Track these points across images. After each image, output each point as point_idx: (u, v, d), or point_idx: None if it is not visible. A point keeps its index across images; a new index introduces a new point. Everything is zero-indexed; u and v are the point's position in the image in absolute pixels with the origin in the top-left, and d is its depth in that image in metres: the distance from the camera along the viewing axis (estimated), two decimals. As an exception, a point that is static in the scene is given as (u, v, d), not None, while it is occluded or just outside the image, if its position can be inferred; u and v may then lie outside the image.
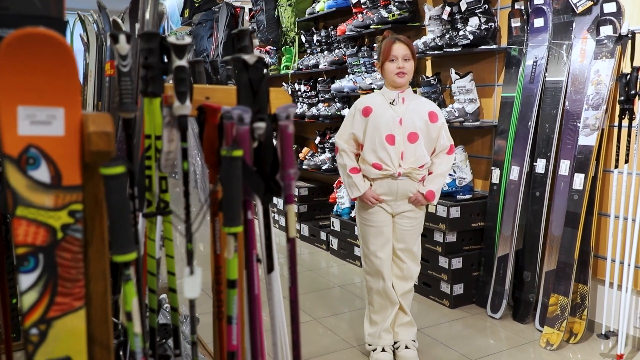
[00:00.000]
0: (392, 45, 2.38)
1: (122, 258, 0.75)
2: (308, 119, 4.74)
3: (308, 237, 4.73)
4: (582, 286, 2.74)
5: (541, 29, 2.97)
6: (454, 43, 3.22)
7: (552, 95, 2.91)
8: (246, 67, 0.97)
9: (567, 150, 2.78)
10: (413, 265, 2.56)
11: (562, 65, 2.87)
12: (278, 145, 0.94)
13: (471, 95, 3.28)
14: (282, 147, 0.93)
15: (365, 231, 2.52)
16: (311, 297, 3.43)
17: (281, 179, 0.94)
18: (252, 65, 0.96)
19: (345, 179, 2.49)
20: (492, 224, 3.18)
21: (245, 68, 0.97)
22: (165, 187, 1.10)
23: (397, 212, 2.48)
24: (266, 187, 0.93)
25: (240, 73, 0.98)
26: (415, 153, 2.40)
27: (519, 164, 3.02)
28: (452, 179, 3.29)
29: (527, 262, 2.99)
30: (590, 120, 2.67)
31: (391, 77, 2.39)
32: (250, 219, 0.92)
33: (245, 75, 0.96)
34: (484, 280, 3.19)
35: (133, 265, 0.77)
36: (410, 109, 2.41)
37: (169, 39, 0.94)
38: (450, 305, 3.18)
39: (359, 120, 2.44)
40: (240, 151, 0.86)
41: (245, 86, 0.96)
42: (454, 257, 3.16)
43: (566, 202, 2.75)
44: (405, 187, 2.43)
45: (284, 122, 0.92)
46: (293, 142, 0.94)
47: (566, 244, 2.72)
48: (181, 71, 0.94)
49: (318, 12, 4.63)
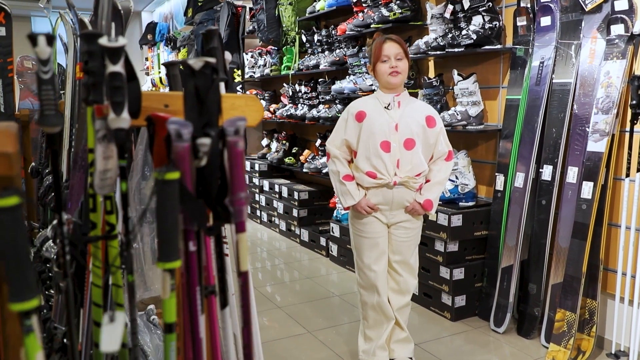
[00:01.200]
0: (382, 45, 2.24)
1: (21, 306, 0.62)
2: (308, 120, 4.61)
3: (308, 243, 4.59)
4: (590, 301, 2.58)
5: (548, 28, 2.81)
6: (457, 43, 3.07)
7: (559, 98, 2.75)
8: (192, 73, 0.83)
9: (575, 156, 2.62)
10: (410, 278, 2.42)
11: (570, 67, 2.71)
12: (227, 165, 0.80)
13: (474, 98, 3.13)
14: (231, 167, 0.80)
15: (359, 243, 2.38)
16: (308, 307, 3.30)
17: (230, 204, 0.81)
18: (198, 71, 0.83)
19: (337, 186, 2.36)
20: (495, 233, 3.02)
21: (192, 74, 0.83)
22: (110, 207, 0.98)
23: (393, 223, 2.34)
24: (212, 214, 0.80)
25: (186, 80, 0.85)
26: (412, 161, 2.26)
27: (524, 170, 2.87)
28: (454, 185, 3.14)
29: (532, 273, 2.84)
30: (600, 125, 2.51)
31: (384, 78, 2.25)
32: (192, 250, 0.79)
33: (192, 82, 0.83)
34: (487, 292, 3.04)
35: (36, 314, 0.64)
36: (407, 114, 2.27)
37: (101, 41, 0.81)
38: (452, 317, 3.03)
39: (352, 126, 2.31)
40: (176, 173, 0.73)
41: (191, 95, 0.83)
42: (456, 267, 3.01)
43: (574, 212, 2.59)
44: (401, 197, 2.29)
45: (232, 138, 0.79)
46: (244, 160, 0.81)
47: (574, 257, 2.56)
48: (115, 78, 0.81)
49: (318, 10, 4.49)
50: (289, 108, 5.08)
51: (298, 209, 4.72)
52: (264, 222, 5.44)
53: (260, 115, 1.20)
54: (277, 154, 5.28)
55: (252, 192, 5.63)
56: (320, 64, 4.53)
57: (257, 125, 6.13)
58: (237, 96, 1.18)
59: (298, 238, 4.75)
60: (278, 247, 4.77)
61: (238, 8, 5.89)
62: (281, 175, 5.52)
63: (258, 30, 5.29)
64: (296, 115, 4.83)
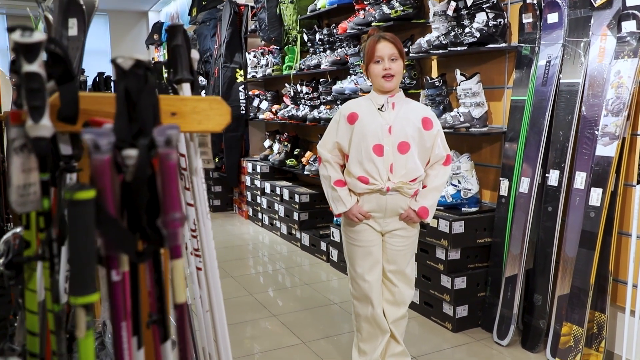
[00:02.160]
0: (376, 44, 2.11)
1: None
2: (309, 122, 4.49)
3: (308, 247, 4.48)
4: (599, 314, 2.43)
5: (555, 25, 2.67)
6: (460, 41, 2.94)
7: (567, 99, 2.60)
8: (123, 74, 0.72)
9: (584, 161, 2.48)
10: (406, 289, 2.29)
11: (578, 66, 2.57)
12: (158, 180, 0.69)
13: (478, 99, 2.99)
14: (163, 183, 0.68)
15: (352, 251, 2.26)
16: (304, 316, 3.18)
17: (163, 226, 0.69)
18: (128, 71, 0.71)
19: (329, 192, 2.24)
20: (499, 240, 2.88)
21: (122, 74, 0.72)
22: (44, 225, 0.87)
23: (387, 231, 2.22)
24: (142, 238, 0.69)
25: (117, 81, 0.73)
26: (406, 165, 2.13)
27: (529, 175, 2.73)
28: (457, 190, 3.01)
29: (537, 284, 2.70)
30: (610, 128, 2.37)
31: (377, 80, 2.13)
32: (115, 280, 0.67)
33: (122, 84, 0.72)
34: (491, 302, 2.90)
35: None
36: (401, 116, 2.15)
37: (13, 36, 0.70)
38: (453, 328, 2.90)
39: (343, 128, 2.19)
40: (90, 192, 0.61)
41: (121, 99, 0.72)
42: (458, 276, 2.87)
43: (582, 220, 2.44)
44: (395, 203, 2.16)
45: (163, 150, 0.68)
46: (177, 175, 0.69)
47: (581, 267, 2.42)
48: (32, 79, 0.70)
49: (320, 9, 4.37)
50: (290, 109, 4.97)
51: (299, 212, 4.61)
52: (265, 225, 5.33)
53: (226, 120, 1.08)
54: (279, 156, 5.17)
55: (254, 194, 5.52)
56: (321, 63, 4.41)
57: (260, 126, 6.03)
58: (200, 99, 1.07)
59: (299, 242, 4.64)
60: (279, 250, 4.66)
61: (241, 7, 5.80)
62: (283, 177, 5.41)
63: (259, 29, 5.19)
64: (297, 116, 4.71)
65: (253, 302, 3.41)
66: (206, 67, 6.53)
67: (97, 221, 0.63)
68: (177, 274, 0.71)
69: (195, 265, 1.40)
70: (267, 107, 5.59)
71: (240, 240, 5.02)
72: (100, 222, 0.64)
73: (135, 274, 0.75)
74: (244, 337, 2.91)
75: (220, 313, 1.23)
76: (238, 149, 5.88)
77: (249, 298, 3.47)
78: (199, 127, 1.06)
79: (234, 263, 4.26)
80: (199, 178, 1.26)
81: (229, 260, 4.34)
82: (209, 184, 6.31)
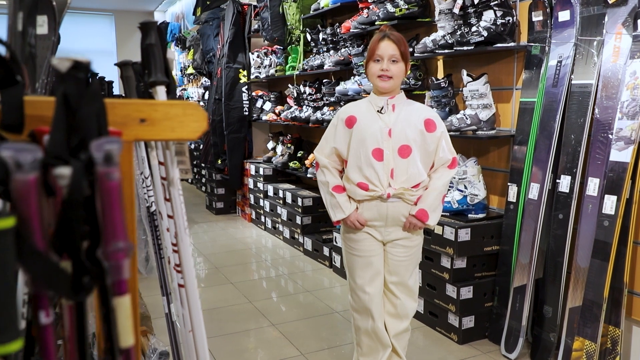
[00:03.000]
0: (378, 42, 2.00)
1: None
2: (312, 123, 4.38)
3: (311, 252, 4.37)
4: (613, 328, 2.30)
5: (567, 24, 2.54)
6: (466, 41, 2.82)
7: (579, 101, 2.47)
8: (61, 78, 0.61)
9: (597, 166, 2.35)
10: (409, 301, 2.17)
11: (591, 66, 2.44)
12: (98, 204, 0.58)
13: (485, 100, 2.86)
14: (104, 207, 0.58)
15: (352, 261, 2.15)
16: (305, 325, 3.07)
17: (103, 258, 0.58)
18: (66, 74, 0.60)
19: (327, 198, 2.13)
20: (508, 248, 2.76)
21: (61, 79, 0.61)
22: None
23: (389, 240, 2.10)
24: (76, 273, 0.58)
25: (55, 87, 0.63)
26: (407, 170, 2.01)
27: (539, 181, 2.60)
28: (463, 195, 2.89)
29: (548, 295, 2.57)
30: (625, 132, 2.24)
31: (373, 80, 2.01)
32: (44, 324, 0.57)
33: (60, 89, 0.61)
34: (498, 313, 2.77)
35: None
36: (402, 118, 2.03)
37: None
38: (459, 340, 2.78)
39: (341, 132, 2.07)
40: (8, 220, 0.51)
41: (60, 107, 0.61)
42: (464, 285, 2.75)
43: (594, 229, 2.31)
44: (396, 211, 2.05)
45: (102, 168, 0.57)
46: (121, 197, 0.59)
47: (594, 279, 2.29)
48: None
49: (323, 7, 4.26)
50: (293, 110, 4.86)
51: (302, 216, 4.50)
52: (268, 228, 5.23)
53: (202, 127, 0.97)
54: (282, 158, 5.07)
55: (257, 197, 5.42)
56: (324, 63, 4.30)
57: (264, 127, 5.93)
58: (173, 103, 0.96)
59: (301, 246, 4.53)
60: (282, 255, 4.56)
61: (244, 6, 5.70)
62: (287, 179, 5.31)
63: (262, 28, 5.08)
64: (301, 118, 4.60)
65: (252, 310, 3.30)
66: (209, 67, 6.44)
67: (19, 254, 0.53)
68: (122, 314, 0.60)
69: (177, 282, 1.30)
70: (271, 108, 5.49)
71: (242, 244, 4.92)
72: (23, 255, 0.53)
73: (81, 311, 0.64)
74: (240, 348, 2.81)
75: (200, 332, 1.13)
76: (241, 151, 5.79)
77: (248, 306, 3.37)
78: (171, 135, 0.95)
79: (234, 268, 4.16)
80: (176, 189, 1.16)
81: (230, 265, 4.24)
82: (211, 186, 6.23)
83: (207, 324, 3.13)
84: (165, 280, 1.60)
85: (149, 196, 1.54)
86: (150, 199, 1.57)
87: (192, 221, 5.87)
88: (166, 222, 1.38)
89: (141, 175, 1.61)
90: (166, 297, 1.61)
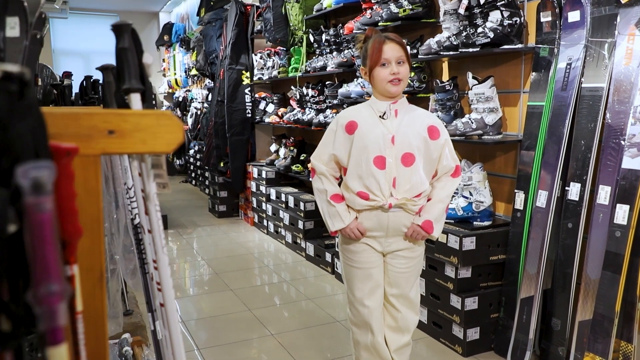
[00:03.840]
0: (382, 46, 1.90)
1: None
2: (315, 126, 4.29)
3: (313, 257, 4.28)
4: (625, 344, 2.20)
5: (577, 24, 2.44)
6: (472, 42, 2.72)
7: (589, 105, 2.37)
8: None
9: (608, 173, 2.24)
10: (410, 314, 2.08)
11: (602, 69, 2.34)
12: (27, 239, 0.50)
13: (492, 104, 2.76)
14: (33, 244, 0.49)
15: (350, 273, 2.05)
16: (305, 335, 2.98)
17: (34, 302, 0.50)
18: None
19: (324, 207, 2.03)
20: (514, 258, 2.66)
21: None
22: None
23: (389, 251, 2.01)
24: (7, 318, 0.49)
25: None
26: (410, 179, 1.92)
27: (547, 188, 2.50)
28: (468, 202, 2.79)
29: (556, 307, 2.47)
30: (638, 138, 2.13)
31: (383, 85, 1.92)
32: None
33: (-11, 103, 0.53)
34: (504, 325, 2.67)
35: None
36: (405, 124, 1.94)
37: None
38: (464, 352, 2.68)
39: (341, 138, 1.98)
40: None
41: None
42: (468, 296, 2.65)
43: (606, 239, 2.21)
44: (398, 221, 1.95)
45: (32, 199, 0.48)
46: (53, 233, 0.50)
47: (605, 292, 2.18)
48: None
49: (325, 8, 4.17)
50: (296, 112, 4.78)
51: (304, 221, 4.41)
52: (270, 232, 5.15)
53: (178, 138, 0.89)
54: (284, 161, 4.98)
55: (259, 200, 5.34)
56: (327, 65, 4.21)
57: (267, 129, 5.85)
58: (145, 113, 0.88)
59: (304, 252, 4.44)
60: (284, 260, 4.47)
61: (247, 7, 5.62)
62: (289, 183, 5.22)
63: (265, 29, 5.00)
64: (303, 120, 4.52)
65: (251, 318, 3.22)
66: (212, 68, 6.37)
67: None
68: (58, 367, 0.51)
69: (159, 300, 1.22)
70: (274, 111, 5.41)
71: (243, 248, 4.84)
72: None
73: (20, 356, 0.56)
74: (237, 359, 2.72)
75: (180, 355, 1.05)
76: (244, 153, 5.71)
77: (247, 314, 3.28)
78: (143, 148, 0.86)
79: (234, 274, 4.08)
80: (153, 205, 1.08)
81: (230, 271, 4.16)
82: (214, 188, 6.15)
83: (204, 333, 3.05)
84: (150, 296, 1.52)
85: (132, 208, 1.46)
86: (134, 210, 1.49)
87: (194, 224, 5.80)
88: (148, 236, 1.30)
89: (125, 186, 1.53)
90: (151, 313, 1.54)
